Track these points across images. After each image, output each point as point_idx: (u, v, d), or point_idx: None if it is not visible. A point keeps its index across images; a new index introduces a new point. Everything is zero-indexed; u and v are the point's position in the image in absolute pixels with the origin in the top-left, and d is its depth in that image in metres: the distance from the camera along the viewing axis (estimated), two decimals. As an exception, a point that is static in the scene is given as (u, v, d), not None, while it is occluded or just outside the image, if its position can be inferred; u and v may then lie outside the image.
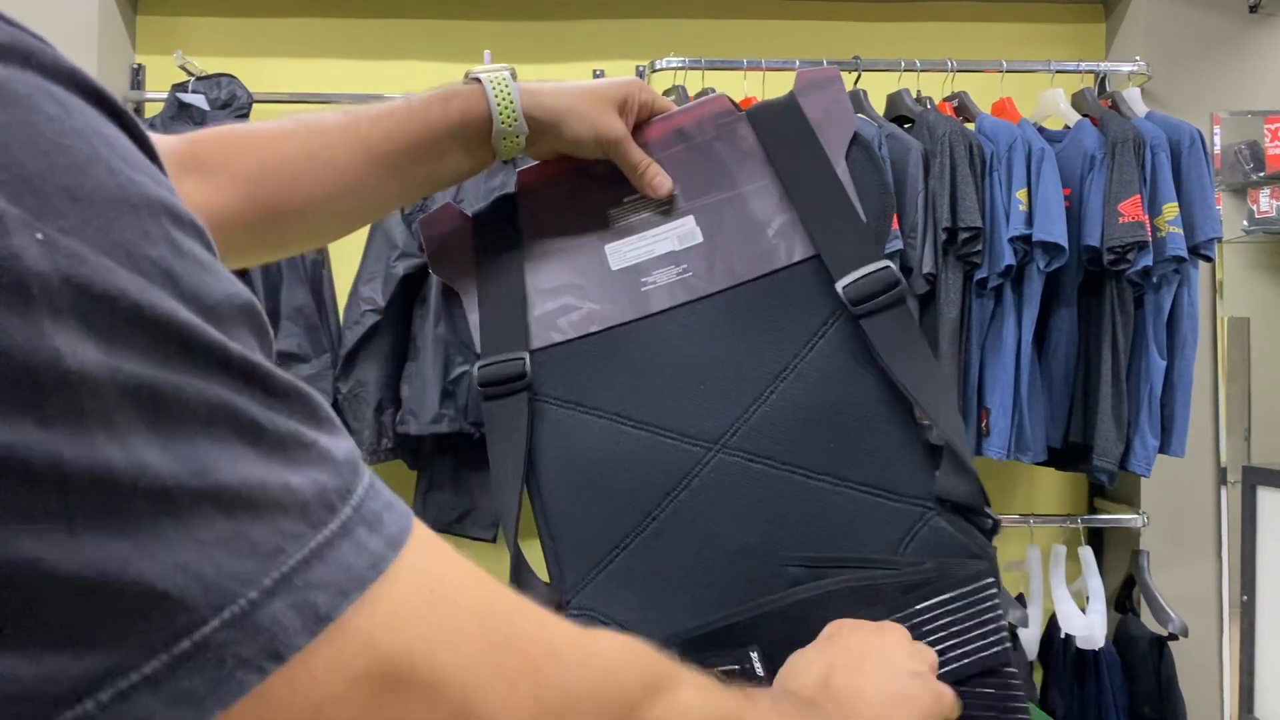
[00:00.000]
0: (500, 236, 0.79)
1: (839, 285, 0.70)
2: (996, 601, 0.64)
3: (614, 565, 0.70)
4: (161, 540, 0.25)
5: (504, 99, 0.73)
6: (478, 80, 0.74)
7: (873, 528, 0.67)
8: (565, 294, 0.76)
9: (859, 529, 0.67)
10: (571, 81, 0.78)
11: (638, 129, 0.79)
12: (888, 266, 0.71)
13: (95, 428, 0.24)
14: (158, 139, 0.65)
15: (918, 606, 0.63)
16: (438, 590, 0.31)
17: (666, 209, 0.77)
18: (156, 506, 0.25)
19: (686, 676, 0.42)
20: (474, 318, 0.77)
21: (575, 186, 0.79)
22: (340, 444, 0.30)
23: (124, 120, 0.29)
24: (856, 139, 0.75)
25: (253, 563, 0.26)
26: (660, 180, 0.77)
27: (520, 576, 0.70)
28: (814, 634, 0.61)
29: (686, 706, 0.40)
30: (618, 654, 0.38)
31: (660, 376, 0.73)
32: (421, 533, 0.32)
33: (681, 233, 0.76)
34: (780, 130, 0.76)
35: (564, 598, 0.70)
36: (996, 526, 0.68)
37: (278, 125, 0.72)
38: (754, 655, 0.63)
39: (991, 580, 0.64)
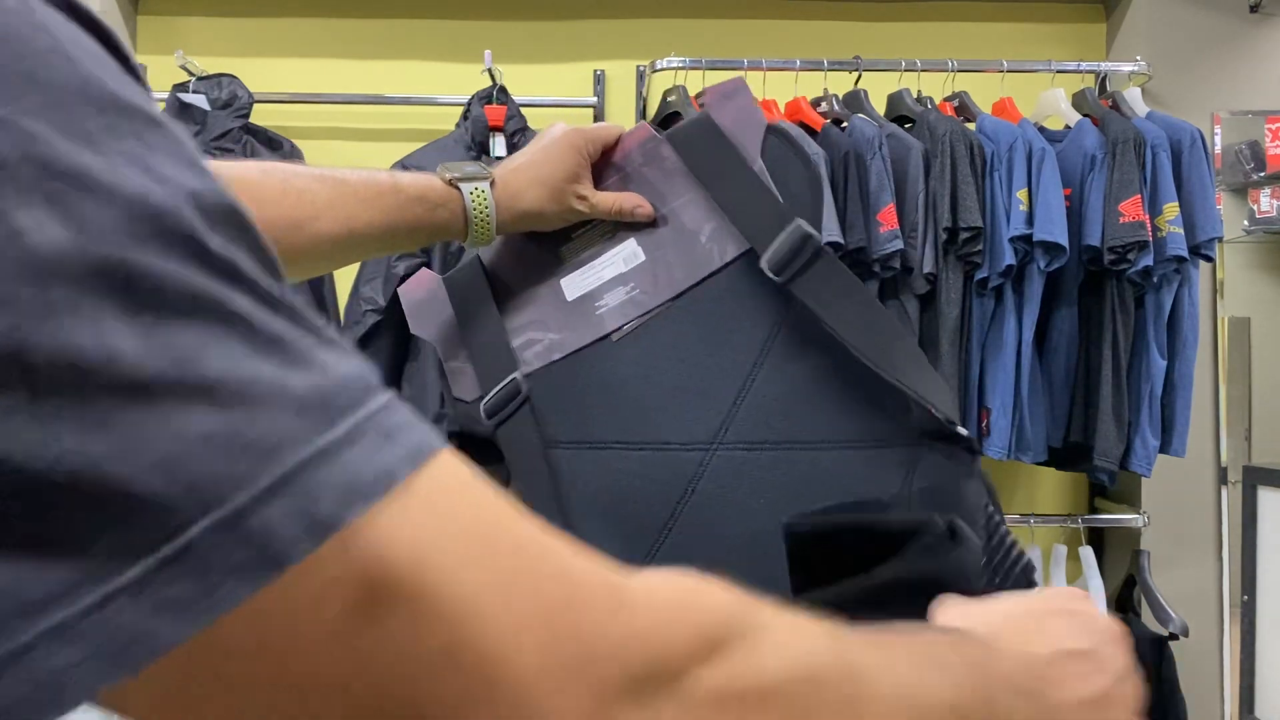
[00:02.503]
0: (470, 290, 0.85)
1: (762, 263, 0.73)
2: (999, 520, 0.66)
3: None
4: (138, 435, 0.23)
5: (481, 215, 0.80)
6: (457, 188, 0.80)
7: (876, 478, 0.69)
8: (528, 330, 0.81)
9: (863, 482, 0.69)
10: (535, 159, 0.84)
11: None
12: (796, 224, 0.73)
13: (62, 311, 0.22)
14: None
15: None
16: (454, 512, 0.29)
17: (610, 235, 0.83)
18: (132, 398, 0.23)
19: (772, 621, 0.35)
20: (453, 365, 0.82)
21: (530, 235, 0.86)
22: (348, 361, 0.28)
23: (99, 31, 0.28)
24: (771, 130, 0.79)
25: (245, 461, 0.24)
26: (640, 206, 0.82)
27: None
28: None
29: (762, 666, 0.33)
30: (664, 603, 0.32)
31: (635, 394, 0.76)
32: (449, 457, 0.30)
33: (625, 255, 0.81)
34: (697, 144, 0.82)
35: None
36: (974, 446, 0.70)
37: (265, 181, 0.74)
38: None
39: (989, 505, 0.67)
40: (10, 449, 0.22)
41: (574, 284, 0.82)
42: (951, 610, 0.55)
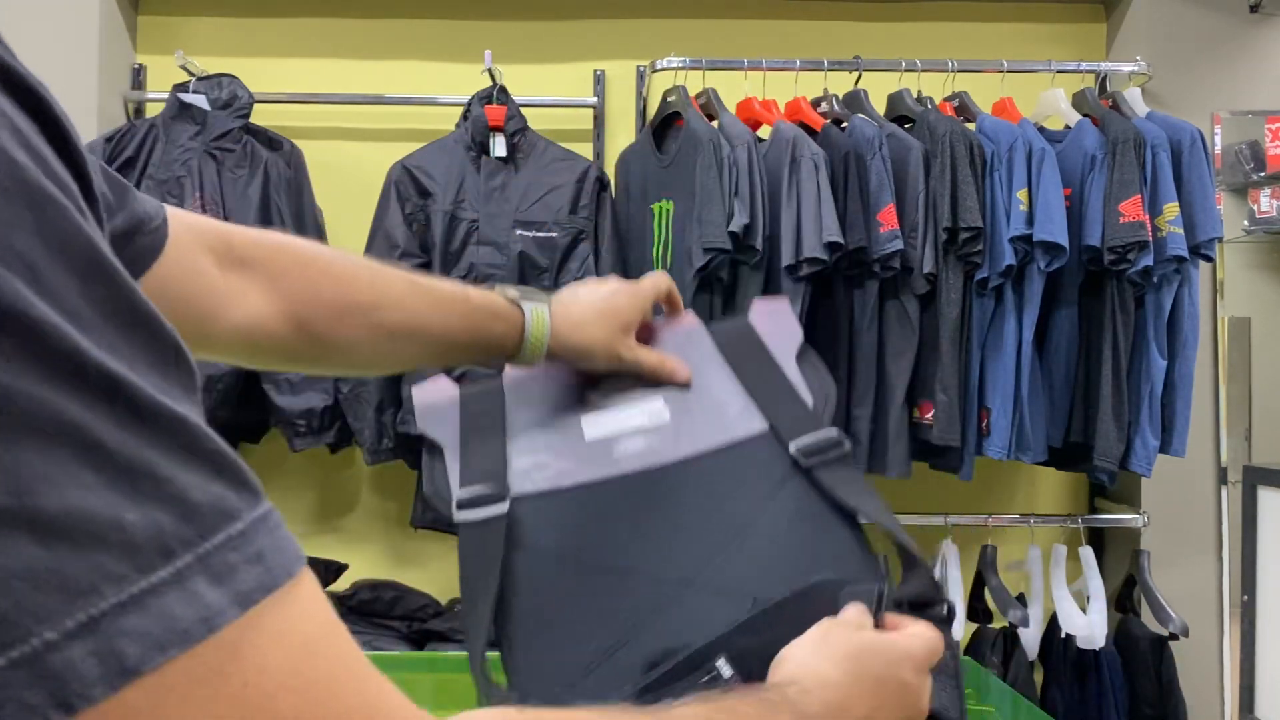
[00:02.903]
0: (484, 405, 0.87)
1: (792, 446, 0.80)
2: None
3: (575, 689, 0.72)
4: None
5: (537, 336, 0.82)
6: (520, 306, 0.82)
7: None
8: (540, 453, 0.83)
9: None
10: (596, 300, 0.85)
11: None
12: (833, 433, 0.81)
13: None
14: (185, 215, 0.67)
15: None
16: (272, 665, 0.27)
17: (639, 390, 0.87)
18: None
19: None
20: (454, 467, 0.83)
21: (559, 371, 0.89)
22: (211, 488, 0.27)
23: (33, 100, 0.27)
24: (804, 347, 0.89)
25: (58, 600, 0.23)
26: (679, 369, 0.86)
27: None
28: (784, 638, 0.63)
29: None
30: None
31: (630, 527, 0.78)
32: (296, 599, 0.29)
33: (651, 411, 0.85)
34: (734, 340, 0.90)
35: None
36: (952, 613, 0.72)
37: (339, 260, 0.76)
38: (720, 663, 0.64)
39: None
40: None
41: (594, 425, 0.84)
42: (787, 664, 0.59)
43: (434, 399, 0.89)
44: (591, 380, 0.88)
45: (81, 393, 0.25)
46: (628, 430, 0.83)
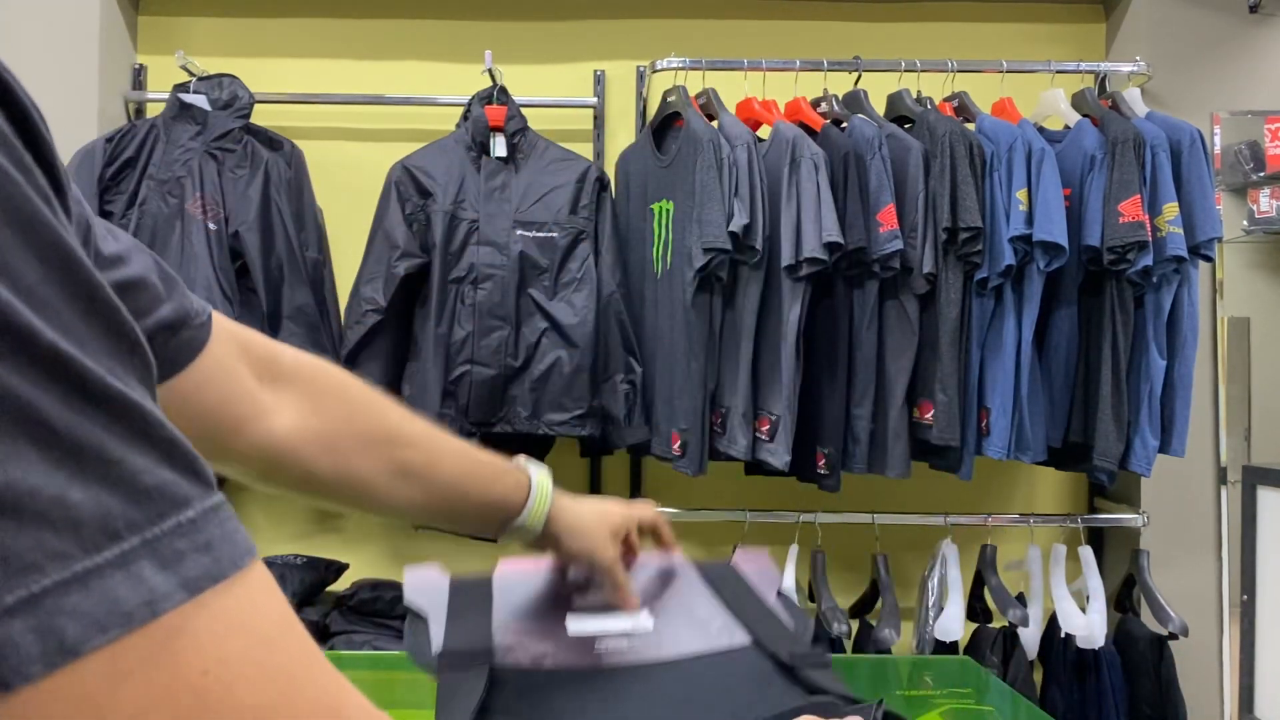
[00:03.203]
0: (472, 588, 0.91)
1: (780, 651, 0.84)
2: None
3: None
4: None
5: (540, 502, 0.85)
6: (527, 471, 0.86)
7: None
8: (523, 636, 0.86)
9: None
10: (593, 503, 0.91)
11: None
12: (818, 648, 0.86)
13: None
14: (229, 322, 0.67)
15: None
16: (222, 660, 0.27)
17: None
18: None
19: None
20: (437, 632, 0.85)
21: (548, 573, 0.94)
22: (161, 473, 0.27)
23: (5, 97, 0.27)
24: (780, 590, 0.99)
25: (2, 574, 0.23)
26: (631, 604, 0.89)
27: None
28: None
29: None
30: None
31: (607, 711, 0.80)
32: (246, 590, 0.28)
33: (636, 620, 0.90)
34: (721, 575, 0.98)
35: None
36: None
37: (372, 393, 0.78)
38: None
39: None
40: None
41: (578, 624, 0.88)
42: None
43: (424, 578, 0.93)
44: (577, 589, 0.93)
45: (29, 369, 0.24)
46: (611, 632, 0.87)
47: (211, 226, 2.13)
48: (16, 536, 0.24)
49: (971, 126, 2.13)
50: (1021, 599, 2.22)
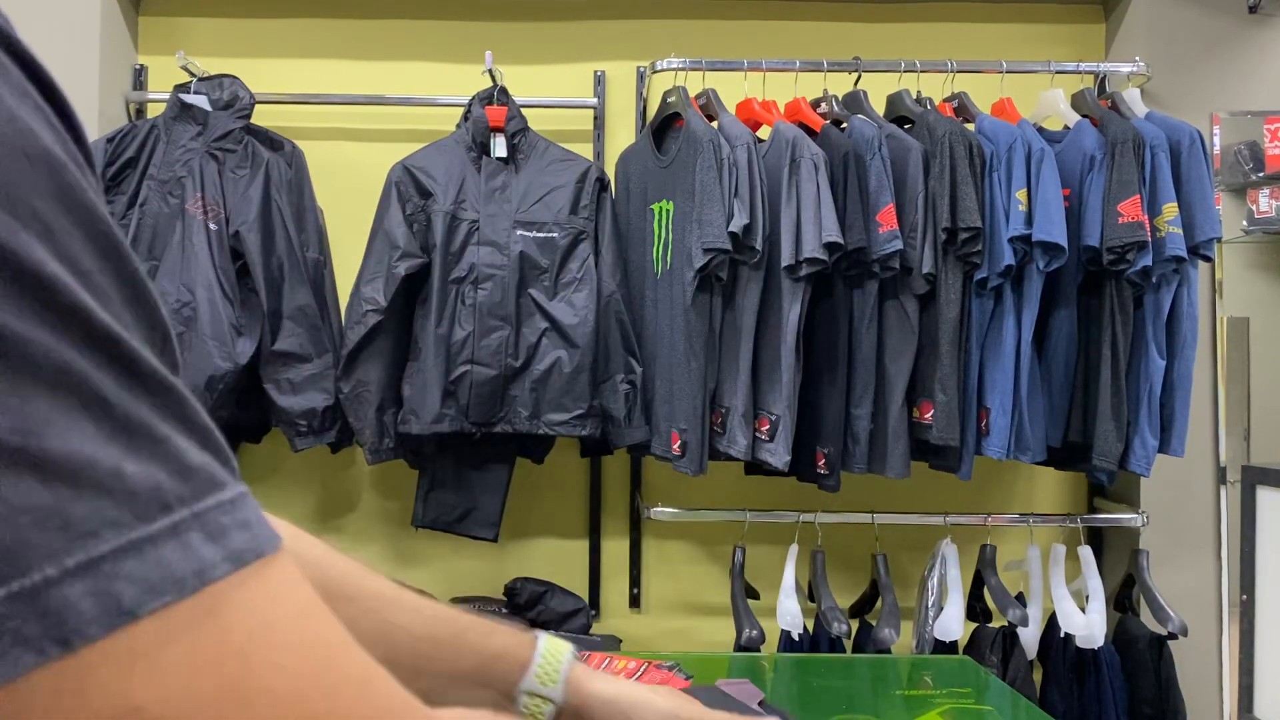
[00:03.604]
0: None
1: None
2: None
3: None
4: None
5: (552, 660, 0.69)
6: (534, 635, 0.72)
7: None
8: None
9: None
10: (629, 686, 0.74)
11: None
12: None
13: None
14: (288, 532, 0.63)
15: None
16: (267, 622, 0.28)
17: None
18: None
19: None
20: None
21: None
22: (202, 455, 0.28)
23: (44, 84, 0.29)
24: (764, 702, 1.16)
25: (60, 539, 0.24)
26: None
27: None
28: None
29: None
30: None
31: None
32: (283, 568, 0.30)
33: None
34: (708, 697, 1.06)
35: None
36: None
37: (350, 566, 0.67)
38: None
39: None
40: None
41: None
42: None
43: None
44: None
45: (88, 349, 0.26)
46: None
47: (212, 226, 2.13)
48: (75, 503, 0.25)
49: (971, 127, 2.13)
50: (1021, 599, 2.22)
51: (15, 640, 0.24)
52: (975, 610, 2.26)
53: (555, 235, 2.18)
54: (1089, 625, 2.15)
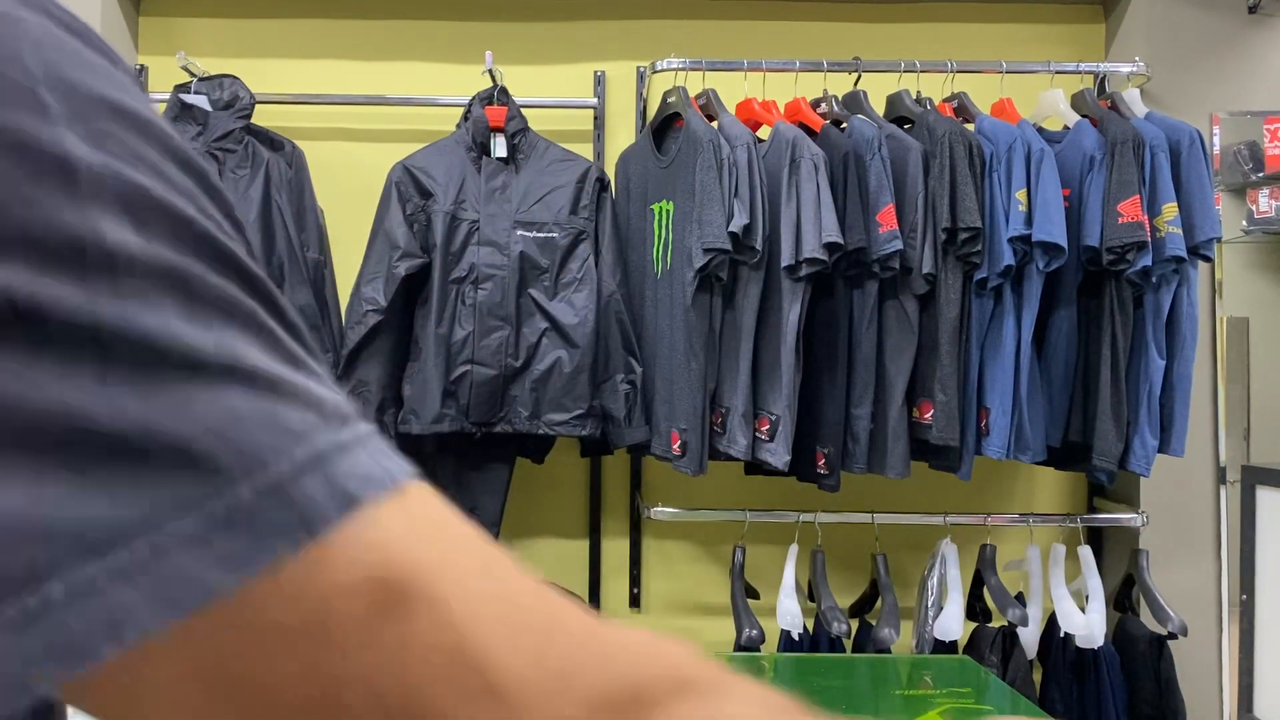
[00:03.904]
0: None
1: None
2: None
3: None
4: (194, 404, 0.26)
5: None
6: None
7: None
8: None
9: None
10: None
11: None
12: None
13: (131, 296, 0.25)
14: None
15: None
16: (449, 526, 0.31)
17: None
18: (189, 374, 0.26)
19: (738, 683, 0.36)
20: None
21: None
22: (339, 394, 0.31)
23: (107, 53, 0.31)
24: None
25: (285, 438, 0.27)
26: None
27: None
28: None
29: (733, 715, 0.35)
30: (638, 643, 0.35)
31: None
32: (426, 486, 0.32)
33: None
34: None
35: None
36: None
37: None
38: None
39: None
40: (81, 403, 0.24)
41: None
42: None
43: None
44: None
45: (247, 290, 0.29)
46: None
47: (212, 227, 2.13)
48: (285, 409, 0.27)
49: (971, 127, 2.13)
50: (1021, 599, 2.22)
51: (270, 530, 0.26)
52: (975, 610, 2.27)
53: (555, 235, 2.18)
54: (1089, 625, 2.15)
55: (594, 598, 2.53)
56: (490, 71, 2.31)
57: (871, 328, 2.05)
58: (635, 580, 2.55)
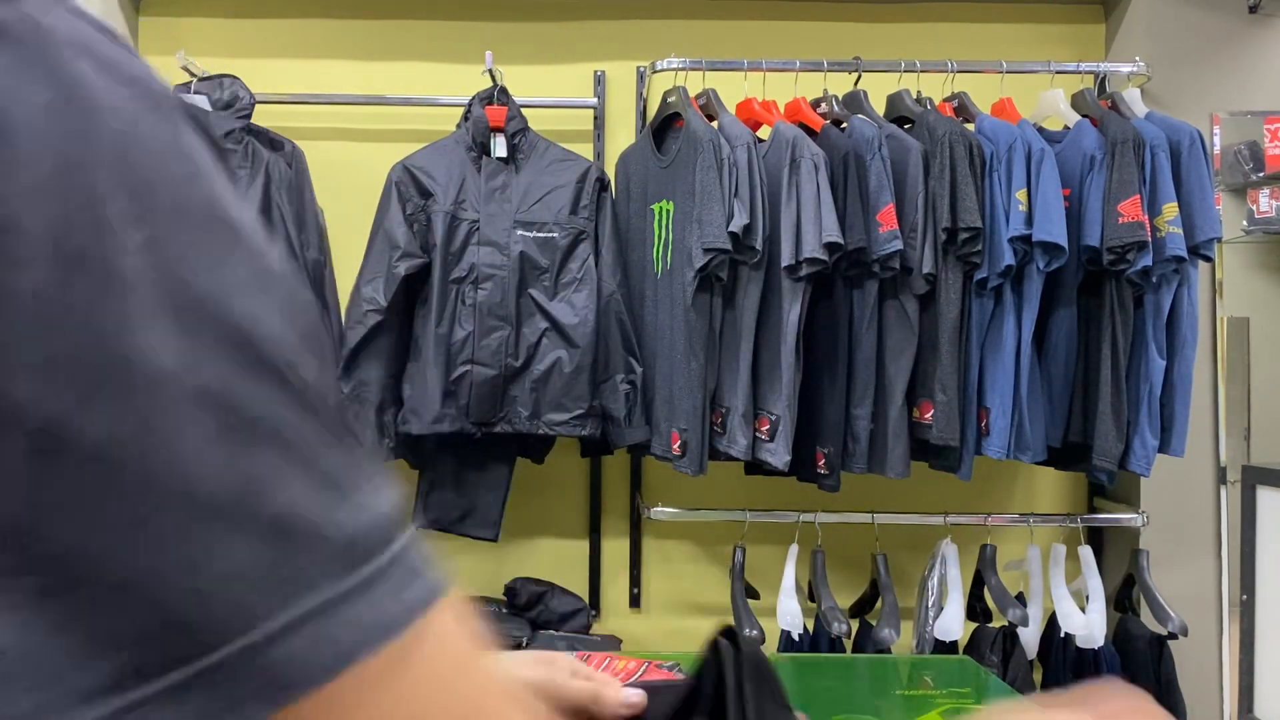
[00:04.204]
0: None
1: None
2: None
3: None
4: (194, 557, 0.25)
5: None
6: None
7: None
8: None
9: None
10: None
11: None
12: None
13: (160, 429, 0.25)
14: None
15: None
16: (446, 686, 0.30)
17: None
18: (202, 519, 0.25)
19: None
20: None
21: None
22: (384, 496, 0.30)
23: (218, 150, 0.30)
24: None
25: (282, 593, 0.26)
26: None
27: None
28: None
29: None
30: None
31: None
32: (450, 600, 0.32)
33: None
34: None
35: None
36: None
37: None
38: None
39: None
40: (86, 543, 0.24)
41: None
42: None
43: None
44: None
45: (296, 405, 0.27)
46: None
47: (212, 227, 2.13)
48: (294, 557, 0.26)
49: (971, 127, 2.13)
50: (1021, 599, 2.22)
51: (249, 694, 0.25)
52: (975, 610, 2.26)
53: (555, 235, 2.18)
54: (1089, 625, 2.15)
55: (594, 598, 2.53)
56: (490, 71, 2.31)
57: (872, 328, 2.05)
58: (635, 580, 2.55)
